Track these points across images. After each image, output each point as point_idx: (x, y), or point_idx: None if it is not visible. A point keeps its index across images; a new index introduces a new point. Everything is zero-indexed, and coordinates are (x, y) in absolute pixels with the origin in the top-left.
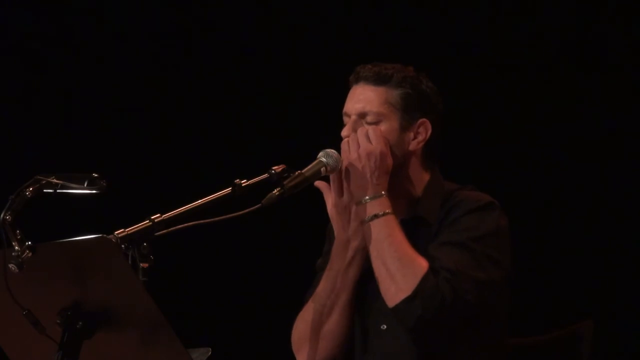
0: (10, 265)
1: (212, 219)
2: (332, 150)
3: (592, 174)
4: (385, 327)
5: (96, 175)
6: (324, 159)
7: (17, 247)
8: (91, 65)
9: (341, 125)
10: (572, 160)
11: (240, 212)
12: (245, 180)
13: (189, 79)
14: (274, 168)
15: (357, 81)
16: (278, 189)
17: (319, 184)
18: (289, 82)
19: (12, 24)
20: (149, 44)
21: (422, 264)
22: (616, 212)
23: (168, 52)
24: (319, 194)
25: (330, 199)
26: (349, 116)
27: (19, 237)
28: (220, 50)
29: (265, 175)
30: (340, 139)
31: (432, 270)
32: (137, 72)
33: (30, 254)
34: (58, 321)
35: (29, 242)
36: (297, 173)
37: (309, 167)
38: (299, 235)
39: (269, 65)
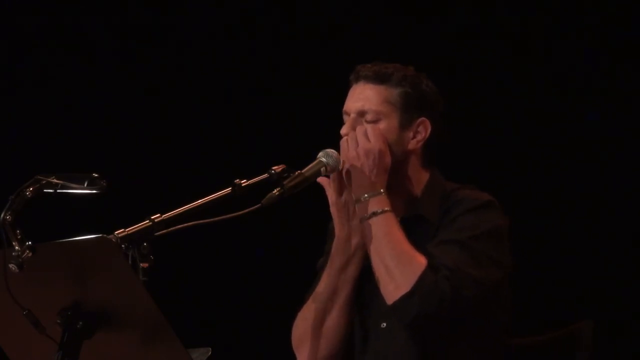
0: (11, 265)
1: (212, 219)
2: (332, 150)
3: (592, 174)
4: (384, 325)
5: (96, 175)
6: (324, 159)
7: (17, 247)
8: (91, 65)
9: (341, 124)
10: (571, 160)
11: (240, 212)
12: (245, 180)
13: (189, 79)
14: (274, 168)
15: (357, 80)
16: (278, 189)
17: (321, 180)
18: (289, 82)
19: (13, 23)
20: (149, 43)
21: (421, 261)
22: (616, 212)
23: (168, 52)
24: (318, 194)
25: (332, 195)
26: (349, 114)
27: (19, 237)
28: (220, 49)
29: (265, 175)
30: (340, 137)
31: (431, 268)
32: (137, 71)
33: (30, 254)
34: (58, 321)
35: (29, 242)
36: (297, 173)
37: (309, 167)
38: (299, 235)
39: (269, 64)
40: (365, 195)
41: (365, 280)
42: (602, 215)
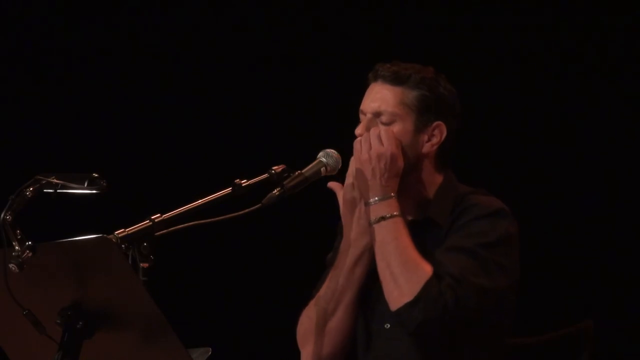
0: (11, 265)
1: (212, 219)
2: (332, 150)
3: (592, 173)
4: (388, 326)
5: (96, 175)
6: (324, 159)
7: (17, 247)
8: (91, 65)
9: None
10: (571, 160)
11: (240, 212)
12: (245, 180)
13: (189, 79)
14: (274, 168)
15: (375, 79)
16: (278, 189)
17: (331, 185)
18: (289, 82)
19: (14, 24)
20: (150, 43)
21: (427, 269)
22: (616, 212)
23: (168, 52)
24: (318, 194)
25: (342, 198)
26: (365, 114)
27: (19, 237)
28: (220, 49)
29: (265, 175)
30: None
31: (437, 276)
32: (137, 71)
33: (30, 254)
34: (58, 321)
35: (29, 242)
36: (297, 173)
37: (309, 167)
38: (299, 235)
39: (269, 64)
40: (375, 198)
41: (372, 281)
42: (602, 215)
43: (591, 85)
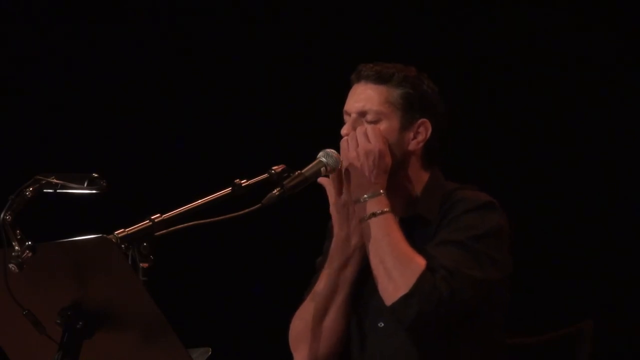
0: (10, 265)
1: (212, 219)
2: (332, 150)
3: (592, 173)
4: (382, 324)
5: (96, 175)
6: (324, 159)
7: (17, 247)
8: (91, 65)
9: (341, 125)
10: (571, 160)
11: (240, 212)
12: (245, 180)
13: (189, 79)
14: (274, 168)
15: (358, 80)
16: (278, 189)
17: (322, 180)
18: (289, 81)
19: (12, 23)
20: (149, 43)
21: (420, 262)
22: (616, 212)
23: (168, 51)
24: (318, 194)
25: (332, 195)
26: (349, 114)
27: (19, 237)
28: (220, 49)
29: (265, 175)
30: (342, 138)
31: (430, 269)
32: (137, 71)
33: (30, 254)
34: (58, 321)
35: (29, 242)
36: (297, 173)
37: (309, 167)
38: (299, 235)
39: (269, 64)
40: (365, 195)
41: (363, 281)
42: (602, 215)
43: (590, 84)
